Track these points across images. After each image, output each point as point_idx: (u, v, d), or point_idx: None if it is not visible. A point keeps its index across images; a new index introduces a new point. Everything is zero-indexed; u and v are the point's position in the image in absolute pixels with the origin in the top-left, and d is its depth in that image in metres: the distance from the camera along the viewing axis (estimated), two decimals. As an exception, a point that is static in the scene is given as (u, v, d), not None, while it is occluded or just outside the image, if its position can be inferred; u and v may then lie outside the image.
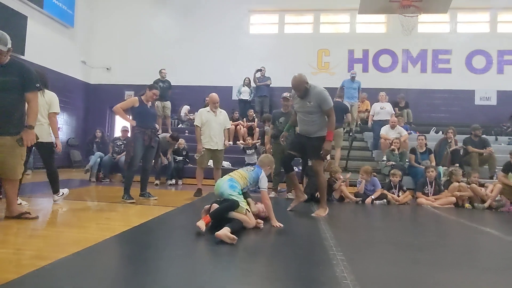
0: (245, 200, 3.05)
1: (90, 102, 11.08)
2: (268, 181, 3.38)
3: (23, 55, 8.01)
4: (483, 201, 5.09)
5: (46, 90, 3.84)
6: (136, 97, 4.48)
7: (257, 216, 3.16)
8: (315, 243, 2.65)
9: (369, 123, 8.37)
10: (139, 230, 2.85)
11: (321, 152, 3.73)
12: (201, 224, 2.70)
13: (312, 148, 3.80)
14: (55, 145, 3.97)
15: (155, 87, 4.57)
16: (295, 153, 4.00)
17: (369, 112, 8.92)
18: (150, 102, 4.52)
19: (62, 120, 9.75)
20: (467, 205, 5.17)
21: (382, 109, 7.99)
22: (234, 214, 2.86)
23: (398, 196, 5.26)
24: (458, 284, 1.93)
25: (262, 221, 3.06)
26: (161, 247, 2.45)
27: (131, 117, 4.42)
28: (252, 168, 3.32)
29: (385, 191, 5.28)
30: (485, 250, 2.82)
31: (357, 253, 2.50)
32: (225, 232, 2.47)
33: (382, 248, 2.70)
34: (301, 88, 3.72)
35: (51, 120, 3.91)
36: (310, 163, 5.13)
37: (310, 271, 2.04)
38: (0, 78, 2.85)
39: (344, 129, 7.95)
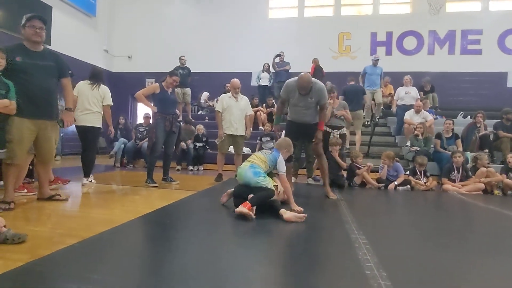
0: (271, 179, 3.09)
1: (113, 90, 11.17)
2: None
3: (50, 45, 8.24)
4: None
5: (101, 85, 4.52)
6: (157, 84, 4.54)
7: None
8: (336, 226, 2.63)
9: (393, 108, 8.12)
10: (161, 212, 2.92)
11: (313, 140, 4.00)
12: (242, 210, 2.69)
13: (308, 132, 4.02)
14: (101, 131, 4.58)
15: (175, 73, 4.60)
16: (294, 142, 3.96)
17: (392, 96, 8.65)
18: (170, 89, 4.56)
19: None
20: (496, 192, 4.96)
21: (407, 94, 7.72)
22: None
23: (424, 183, 5.11)
24: (490, 270, 1.86)
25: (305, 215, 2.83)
26: (182, 228, 2.51)
27: (152, 103, 4.50)
28: (270, 151, 3.30)
29: (409, 177, 5.15)
30: (516, 236, 2.70)
31: (380, 236, 2.45)
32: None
33: (406, 233, 2.64)
34: (308, 87, 3.79)
35: (106, 111, 4.55)
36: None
37: (332, 253, 2.02)
38: (42, 62, 2.96)
39: (363, 112, 7.84)
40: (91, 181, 4.38)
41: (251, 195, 2.82)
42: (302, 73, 3.81)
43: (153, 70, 10.56)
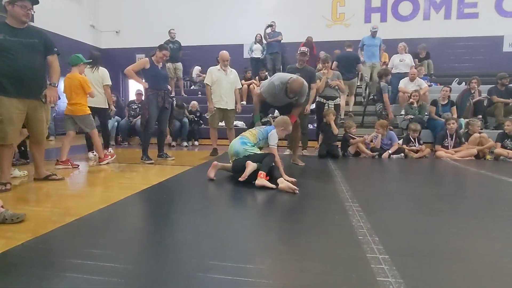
0: (259, 150, 3.22)
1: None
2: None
3: (33, 22, 7.93)
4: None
5: (100, 67, 4.91)
6: (147, 58, 4.41)
7: None
8: (331, 195, 2.68)
9: (386, 61, 8.03)
10: (158, 188, 2.95)
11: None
12: (264, 182, 2.80)
13: (287, 106, 3.89)
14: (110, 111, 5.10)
15: (165, 47, 4.47)
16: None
17: (387, 65, 8.54)
18: (161, 63, 4.45)
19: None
20: (488, 157, 5.05)
21: (402, 62, 7.63)
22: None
23: (417, 150, 5.17)
24: (479, 232, 1.93)
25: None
26: (179, 203, 2.55)
27: (143, 79, 4.41)
28: (264, 127, 3.39)
29: (403, 146, 5.21)
30: (506, 199, 2.78)
31: (373, 204, 2.51)
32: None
33: (399, 199, 2.71)
34: (299, 92, 3.65)
35: (106, 91, 4.88)
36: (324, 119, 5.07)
37: (327, 221, 2.08)
38: (26, 39, 2.86)
39: (357, 80, 7.88)
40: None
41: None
42: (294, 77, 3.63)
43: (143, 45, 10.25)
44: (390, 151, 5.04)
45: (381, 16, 9.93)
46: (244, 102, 7.79)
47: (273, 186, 2.81)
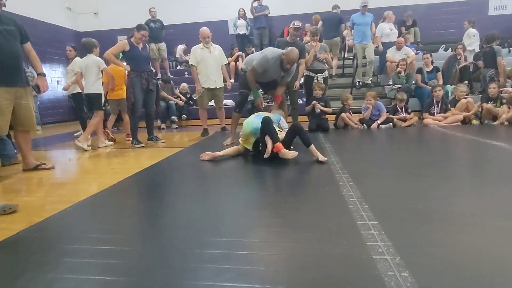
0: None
1: (83, 50, 10.73)
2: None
3: (5, 6, 7.55)
4: (495, 119, 5.03)
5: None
6: (126, 40, 4.29)
7: None
8: (322, 168, 2.73)
9: (379, 46, 7.71)
10: (150, 171, 2.96)
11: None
12: (289, 153, 2.90)
13: (272, 83, 3.97)
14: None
15: (143, 27, 4.30)
16: (247, 92, 4.04)
17: (374, 35, 8.44)
18: (141, 44, 4.33)
19: (60, 73, 9.56)
20: (474, 121, 5.15)
21: (392, 31, 7.52)
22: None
23: (405, 119, 5.24)
24: (463, 194, 2.01)
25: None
26: (172, 184, 2.56)
27: (125, 62, 4.32)
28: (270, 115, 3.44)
29: (391, 115, 5.26)
30: (491, 162, 2.86)
31: (363, 173, 2.57)
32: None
33: (388, 167, 2.77)
34: (296, 62, 3.74)
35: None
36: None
37: (318, 193, 2.12)
38: (4, 26, 2.81)
39: (340, 40, 7.90)
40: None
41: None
42: (290, 48, 3.69)
43: (123, 26, 9.88)
44: (378, 122, 5.10)
45: (366, -16, 9.71)
46: (233, 80, 7.70)
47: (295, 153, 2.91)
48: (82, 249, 1.45)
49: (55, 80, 9.41)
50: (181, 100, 7.10)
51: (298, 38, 5.00)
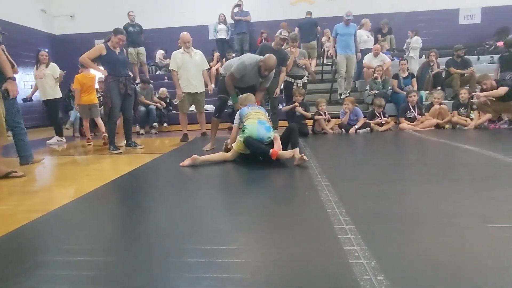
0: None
1: (59, 54, 10.36)
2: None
3: (-26, 7, 7.25)
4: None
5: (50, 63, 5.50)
6: (102, 44, 4.19)
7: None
8: (301, 173, 2.75)
9: (358, 54, 7.95)
10: (128, 177, 2.89)
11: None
12: (282, 154, 3.02)
13: (252, 87, 3.96)
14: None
15: (120, 31, 4.23)
16: (227, 96, 4.03)
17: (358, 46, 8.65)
18: (118, 48, 4.26)
19: (33, 77, 9.22)
20: (447, 126, 5.36)
21: (369, 38, 7.74)
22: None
23: (382, 123, 5.39)
24: (437, 196, 2.07)
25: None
26: (151, 190, 2.52)
27: (101, 67, 4.23)
28: (256, 107, 3.47)
29: (368, 120, 5.40)
30: (463, 164, 2.98)
31: (341, 177, 2.62)
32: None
33: (365, 171, 2.83)
34: (271, 71, 3.74)
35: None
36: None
37: (297, 197, 2.15)
38: None
39: (316, 43, 8.33)
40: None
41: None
42: (268, 55, 3.69)
43: (101, 29, 9.64)
44: (356, 126, 5.22)
45: (344, -8, 9.98)
46: (212, 85, 7.67)
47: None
48: (55, 260, 1.40)
49: (28, 84, 9.07)
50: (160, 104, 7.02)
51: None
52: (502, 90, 5.03)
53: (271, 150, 2.98)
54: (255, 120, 3.19)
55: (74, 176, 3.17)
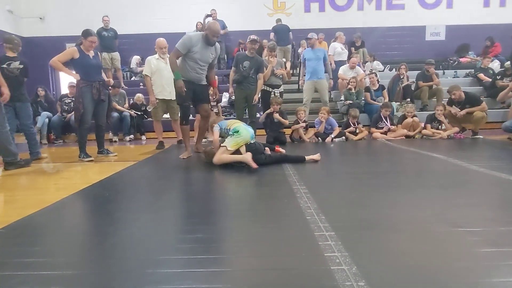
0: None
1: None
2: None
3: None
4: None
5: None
6: (75, 48, 4.02)
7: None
8: (280, 180, 2.75)
9: (332, 64, 8.13)
10: (99, 186, 2.76)
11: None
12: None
13: (204, 93, 4.07)
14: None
15: (90, 32, 4.01)
16: (190, 103, 4.04)
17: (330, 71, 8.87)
18: (92, 52, 4.09)
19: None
20: (417, 136, 5.58)
21: (343, 50, 8.00)
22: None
23: (356, 132, 5.54)
24: (411, 203, 2.13)
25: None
26: (123, 200, 2.41)
27: (73, 71, 4.06)
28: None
29: (343, 130, 5.53)
30: (432, 172, 3.10)
31: (319, 185, 2.64)
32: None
33: (342, 179, 2.87)
34: (218, 35, 3.80)
35: None
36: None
37: (276, 205, 2.13)
38: None
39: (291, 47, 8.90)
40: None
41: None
42: (212, 21, 3.85)
43: (73, 33, 9.22)
44: (332, 136, 5.32)
45: (319, 6, 10.31)
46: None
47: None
48: (14, 276, 1.28)
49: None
50: (134, 112, 6.81)
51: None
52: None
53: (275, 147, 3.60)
54: (239, 123, 3.53)
55: (41, 185, 2.98)
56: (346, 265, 1.27)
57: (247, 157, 3.14)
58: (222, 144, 3.40)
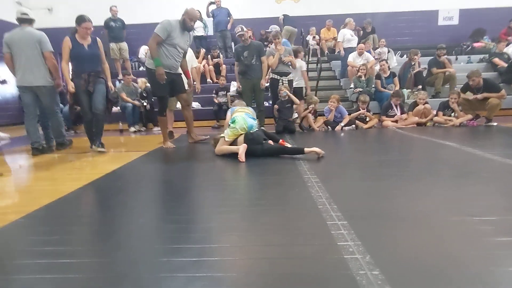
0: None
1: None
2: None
3: None
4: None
5: None
6: (68, 37, 3.80)
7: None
8: (290, 170, 2.75)
9: (341, 51, 7.92)
10: (112, 176, 2.80)
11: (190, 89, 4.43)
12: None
13: (181, 83, 4.08)
14: None
15: (84, 18, 3.78)
16: (168, 94, 4.07)
17: (336, 40, 8.75)
18: (89, 39, 3.86)
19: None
20: (428, 123, 5.49)
21: (352, 36, 7.84)
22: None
23: (365, 118, 5.48)
24: (421, 192, 2.11)
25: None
26: (136, 189, 2.45)
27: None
28: (244, 104, 4.10)
29: (353, 117, 5.47)
30: (445, 160, 3.06)
31: (330, 174, 2.63)
32: None
33: (352, 168, 2.86)
34: (195, 20, 3.92)
35: None
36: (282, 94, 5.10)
37: (288, 195, 2.13)
38: None
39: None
40: None
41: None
42: (190, 7, 3.86)
43: (81, 24, 9.39)
44: (342, 124, 5.27)
45: (329, -9, 10.08)
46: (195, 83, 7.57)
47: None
48: (37, 264, 1.33)
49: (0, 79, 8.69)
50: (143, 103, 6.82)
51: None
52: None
53: (280, 139, 3.48)
54: (242, 112, 3.53)
55: (54, 176, 3.04)
56: (360, 254, 1.28)
57: (240, 149, 3.16)
58: (221, 135, 3.48)
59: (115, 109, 7.37)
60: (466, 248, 1.33)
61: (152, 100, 6.72)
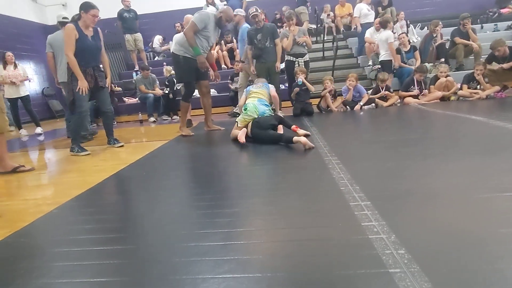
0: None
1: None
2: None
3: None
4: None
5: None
6: (72, 25, 3.42)
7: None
8: (310, 152, 2.73)
9: (358, 27, 7.70)
10: (136, 166, 2.88)
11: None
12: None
13: (205, 71, 4.12)
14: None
15: (91, 5, 3.47)
16: (194, 80, 4.15)
17: (351, 16, 8.44)
18: (91, 30, 3.54)
19: (32, 70, 9.12)
20: (452, 97, 5.28)
21: (369, 11, 7.54)
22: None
23: (385, 97, 5.32)
24: (448, 168, 2.05)
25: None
26: (160, 177, 2.51)
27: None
28: (261, 85, 3.92)
29: (372, 96, 5.32)
30: (472, 136, 2.94)
31: (351, 155, 2.60)
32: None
33: (374, 148, 2.81)
34: (230, 22, 4.16)
35: None
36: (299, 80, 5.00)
37: (309, 177, 2.13)
38: None
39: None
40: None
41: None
42: (227, 6, 4.00)
43: (95, 17, 9.49)
44: (361, 103, 5.15)
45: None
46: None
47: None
48: (72, 251, 1.40)
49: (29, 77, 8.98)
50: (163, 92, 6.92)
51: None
52: None
53: (292, 126, 3.30)
54: (255, 99, 3.57)
55: (81, 168, 3.16)
56: (384, 233, 1.27)
57: (240, 132, 3.24)
58: (236, 120, 3.56)
59: (133, 100, 7.54)
60: (498, 225, 1.29)
61: (175, 89, 6.79)
